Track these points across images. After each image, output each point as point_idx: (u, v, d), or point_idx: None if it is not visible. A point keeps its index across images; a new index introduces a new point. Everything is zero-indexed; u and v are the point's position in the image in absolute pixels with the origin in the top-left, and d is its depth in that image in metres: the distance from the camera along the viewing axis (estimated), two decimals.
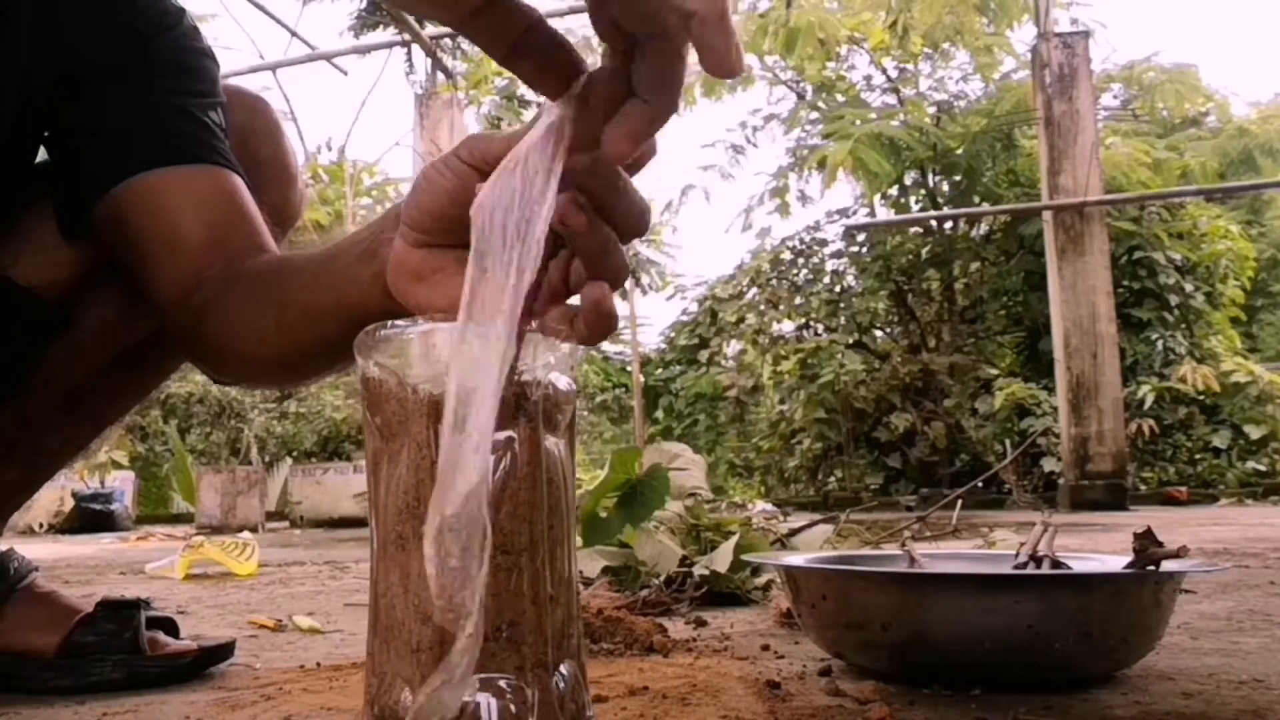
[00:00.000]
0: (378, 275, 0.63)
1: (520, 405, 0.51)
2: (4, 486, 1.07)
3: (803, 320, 10.32)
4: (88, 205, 0.88)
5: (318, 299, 0.70)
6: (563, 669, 0.53)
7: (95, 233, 0.89)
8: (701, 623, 1.39)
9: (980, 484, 5.45)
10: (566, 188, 0.48)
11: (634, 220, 0.51)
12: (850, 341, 9.74)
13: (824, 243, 10.51)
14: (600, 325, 0.52)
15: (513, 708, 0.49)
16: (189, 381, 8.89)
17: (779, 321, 10.33)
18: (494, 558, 0.50)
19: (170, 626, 1.11)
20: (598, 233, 0.50)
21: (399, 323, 0.53)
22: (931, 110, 9.66)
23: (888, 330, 10.34)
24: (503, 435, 0.51)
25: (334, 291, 0.68)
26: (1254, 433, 8.39)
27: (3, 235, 0.93)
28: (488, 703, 0.49)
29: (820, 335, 9.97)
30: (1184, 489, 7.60)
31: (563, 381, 0.54)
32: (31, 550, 1.15)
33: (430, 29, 8.10)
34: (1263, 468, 8.31)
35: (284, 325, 0.73)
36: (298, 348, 0.74)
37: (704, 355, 11.13)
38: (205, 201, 0.86)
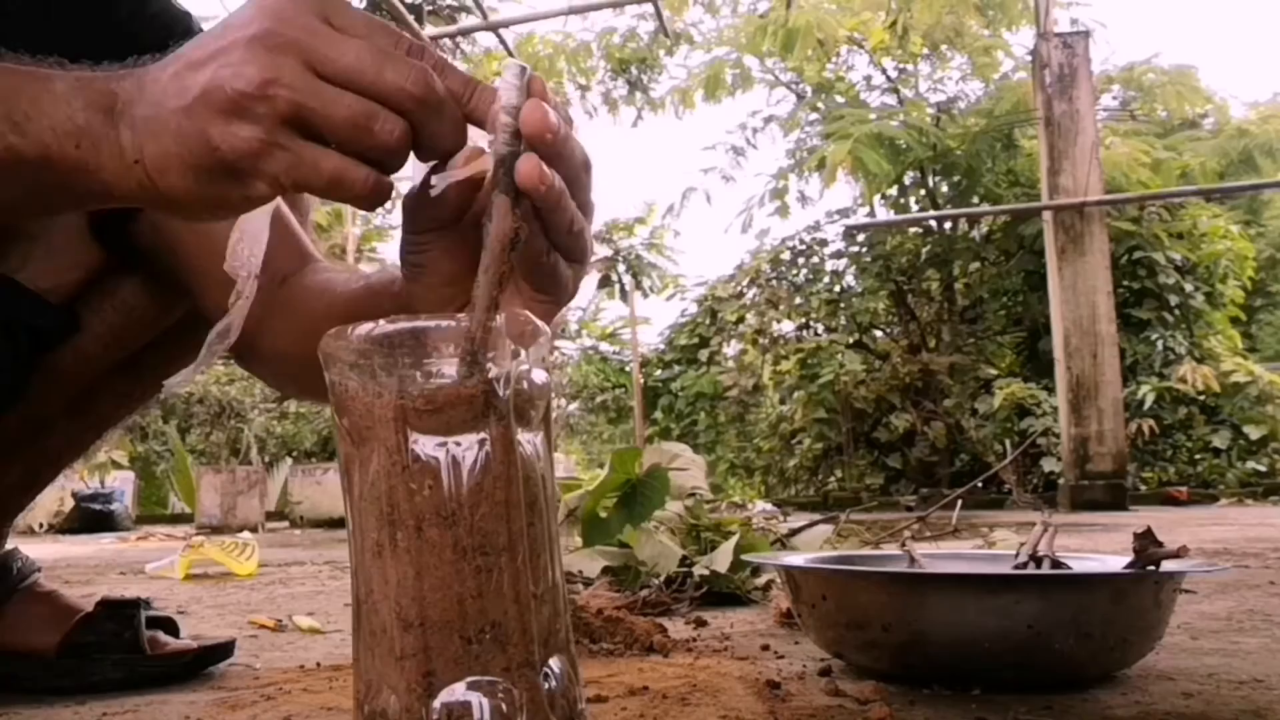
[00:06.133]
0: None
1: (490, 403, 0.50)
2: (8, 488, 1.07)
3: (803, 320, 10.32)
4: (125, 220, 0.88)
5: None
6: (553, 666, 0.52)
7: (135, 245, 0.90)
8: (701, 623, 1.39)
9: (980, 484, 5.46)
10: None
11: (582, 167, 0.54)
12: (850, 341, 9.74)
13: (824, 243, 10.53)
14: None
15: (504, 707, 0.49)
16: (189, 382, 8.89)
17: (779, 321, 10.34)
18: (473, 559, 0.49)
19: (170, 626, 1.11)
20: (554, 188, 0.52)
21: (362, 326, 0.52)
22: (931, 110, 9.67)
23: (888, 330, 10.34)
24: (475, 436, 0.50)
25: None
26: (1254, 433, 8.39)
27: (10, 240, 0.93)
28: (479, 702, 0.49)
29: (820, 335, 9.97)
30: (1184, 489, 7.60)
31: (536, 375, 0.53)
32: (32, 550, 1.15)
33: (430, 29, 8.10)
34: (1263, 468, 8.31)
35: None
36: None
37: (704, 355, 11.13)
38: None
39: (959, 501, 2.65)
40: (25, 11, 0.90)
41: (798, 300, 10.22)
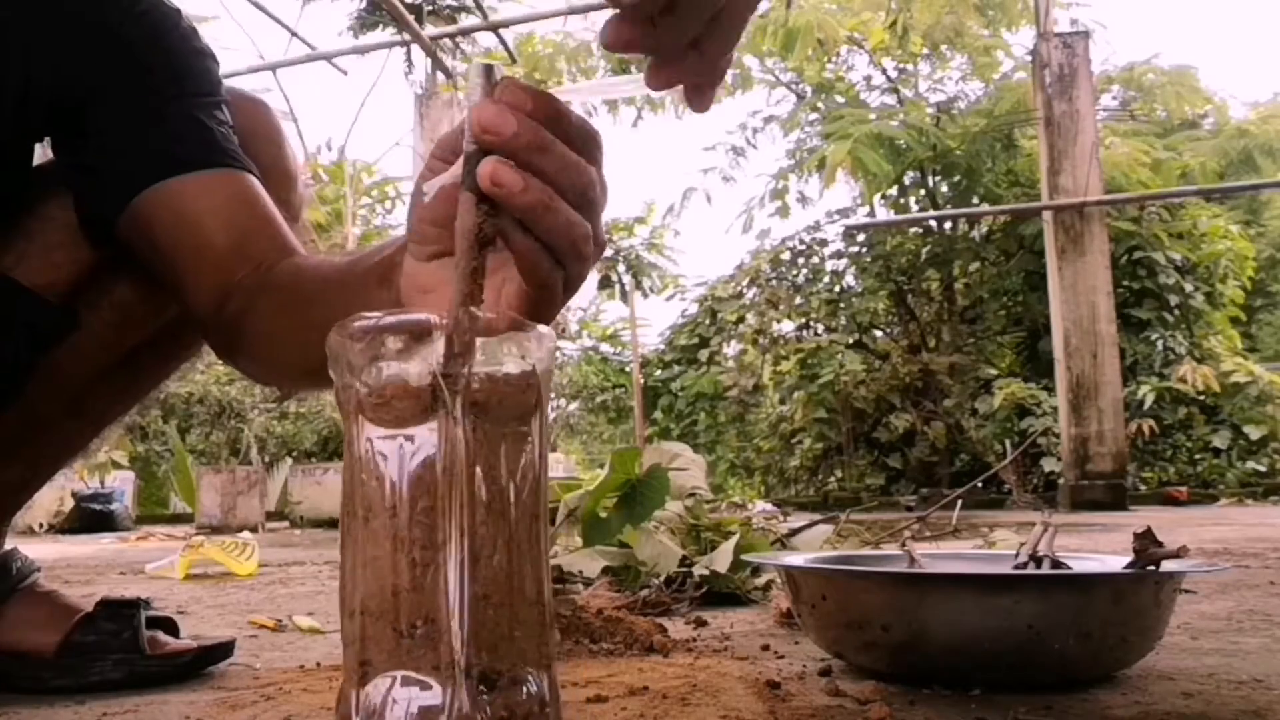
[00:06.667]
0: (395, 301, 0.65)
1: (438, 398, 0.50)
2: (6, 486, 1.07)
3: (803, 320, 10.32)
4: (111, 218, 0.88)
5: (340, 319, 0.72)
6: (530, 675, 0.51)
7: (122, 245, 0.90)
8: (701, 623, 1.39)
9: (980, 484, 5.46)
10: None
11: (572, 174, 0.51)
12: (850, 341, 9.74)
13: (824, 243, 10.53)
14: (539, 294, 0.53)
15: (428, 706, 0.48)
16: (189, 381, 8.90)
17: (779, 321, 10.34)
18: (410, 552, 0.49)
19: (170, 626, 1.11)
20: (531, 191, 0.49)
21: (349, 320, 0.52)
22: (931, 110, 9.67)
23: (888, 330, 10.34)
24: (422, 430, 0.50)
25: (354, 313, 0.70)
26: (1254, 433, 8.39)
27: (6, 237, 0.93)
28: (404, 697, 0.49)
29: (820, 335, 9.97)
30: (1184, 489, 7.60)
31: (508, 370, 0.52)
32: (32, 550, 1.15)
33: (430, 29, 8.11)
34: (1263, 468, 8.31)
35: (314, 341, 0.75)
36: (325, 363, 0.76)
37: (704, 355, 11.14)
38: (224, 207, 0.86)
39: (959, 501, 2.65)
40: (16, 18, 0.89)
41: (798, 300, 10.22)
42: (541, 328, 0.53)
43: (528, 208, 0.50)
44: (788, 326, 10.39)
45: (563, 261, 0.53)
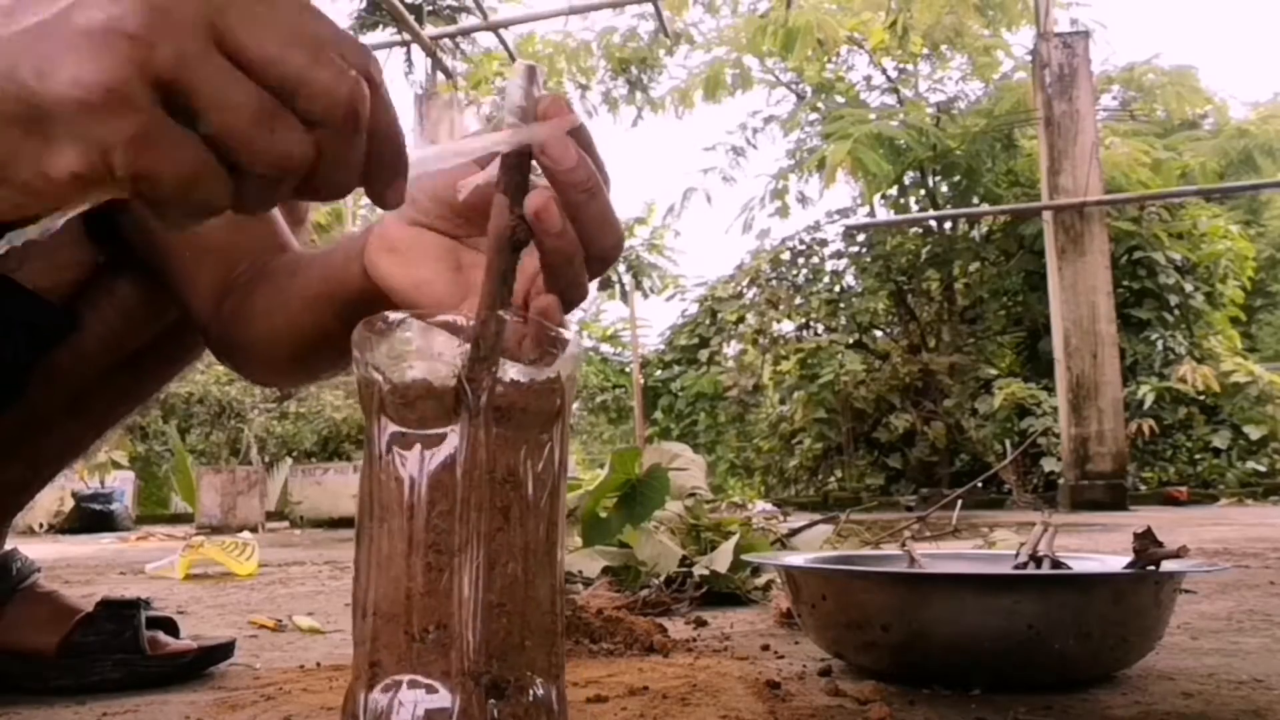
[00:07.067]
0: (360, 253, 0.65)
1: (460, 401, 0.49)
2: (7, 486, 1.07)
3: (803, 320, 10.33)
4: (115, 215, 0.88)
5: (315, 287, 0.72)
6: (539, 685, 0.50)
7: (125, 243, 0.90)
8: (701, 623, 1.39)
9: (980, 484, 5.46)
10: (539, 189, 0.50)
11: (604, 235, 0.51)
12: (850, 341, 9.75)
13: (824, 243, 10.54)
14: (543, 338, 0.52)
15: (434, 713, 0.48)
16: (189, 381, 8.89)
17: (779, 321, 10.34)
18: (425, 555, 0.49)
19: (170, 626, 1.11)
20: (565, 238, 0.49)
21: (374, 317, 0.52)
22: (931, 110, 9.67)
23: (888, 330, 10.34)
24: (443, 433, 0.49)
25: (327, 278, 0.70)
26: (1254, 433, 8.39)
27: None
28: (411, 701, 0.48)
29: (820, 335, 9.98)
30: (1184, 489, 7.60)
31: (532, 377, 0.51)
32: (32, 550, 1.15)
33: (430, 29, 8.11)
34: (1263, 468, 8.32)
35: (290, 319, 0.76)
36: (303, 340, 0.76)
37: (704, 355, 11.14)
38: None
39: (959, 501, 2.65)
40: None
41: (798, 300, 10.23)
42: (568, 334, 0.52)
43: (554, 251, 0.50)
44: (788, 326, 10.39)
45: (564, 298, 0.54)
